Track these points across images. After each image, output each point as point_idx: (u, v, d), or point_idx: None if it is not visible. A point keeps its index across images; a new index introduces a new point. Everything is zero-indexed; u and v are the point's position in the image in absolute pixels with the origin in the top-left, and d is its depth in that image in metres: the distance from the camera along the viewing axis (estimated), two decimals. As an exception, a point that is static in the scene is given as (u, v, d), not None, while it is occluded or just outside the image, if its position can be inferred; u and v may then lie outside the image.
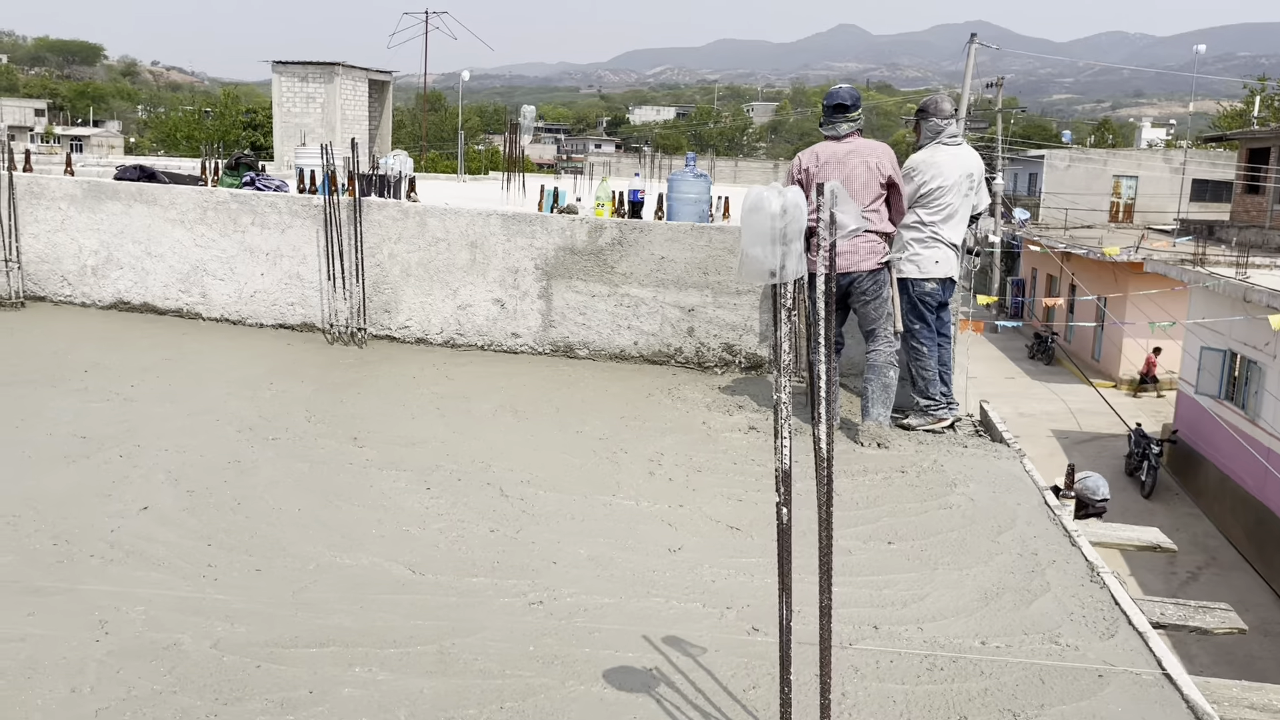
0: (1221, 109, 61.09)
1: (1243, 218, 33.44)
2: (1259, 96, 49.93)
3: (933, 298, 5.59)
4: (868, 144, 5.47)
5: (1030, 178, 49.35)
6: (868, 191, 5.36)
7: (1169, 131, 73.15)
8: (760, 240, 2.11)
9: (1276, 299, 15.56)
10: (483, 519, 4.03)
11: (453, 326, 6.89)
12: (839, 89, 5.61)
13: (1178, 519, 18.91)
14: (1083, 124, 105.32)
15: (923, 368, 5.64)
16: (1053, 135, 67.99)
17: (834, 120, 5.48)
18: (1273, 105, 49.94)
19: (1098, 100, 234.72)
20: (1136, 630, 3.31)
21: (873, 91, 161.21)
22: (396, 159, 7.70)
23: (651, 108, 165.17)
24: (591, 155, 56.57)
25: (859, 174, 5.35)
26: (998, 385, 28.03)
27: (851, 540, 3.99)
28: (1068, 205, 42.36)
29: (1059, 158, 46.83)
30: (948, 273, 5.59)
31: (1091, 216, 42.64)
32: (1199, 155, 45.24)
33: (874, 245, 5.36)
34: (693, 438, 5.23)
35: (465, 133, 50.57)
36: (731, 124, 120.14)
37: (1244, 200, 34.14)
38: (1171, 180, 43.41)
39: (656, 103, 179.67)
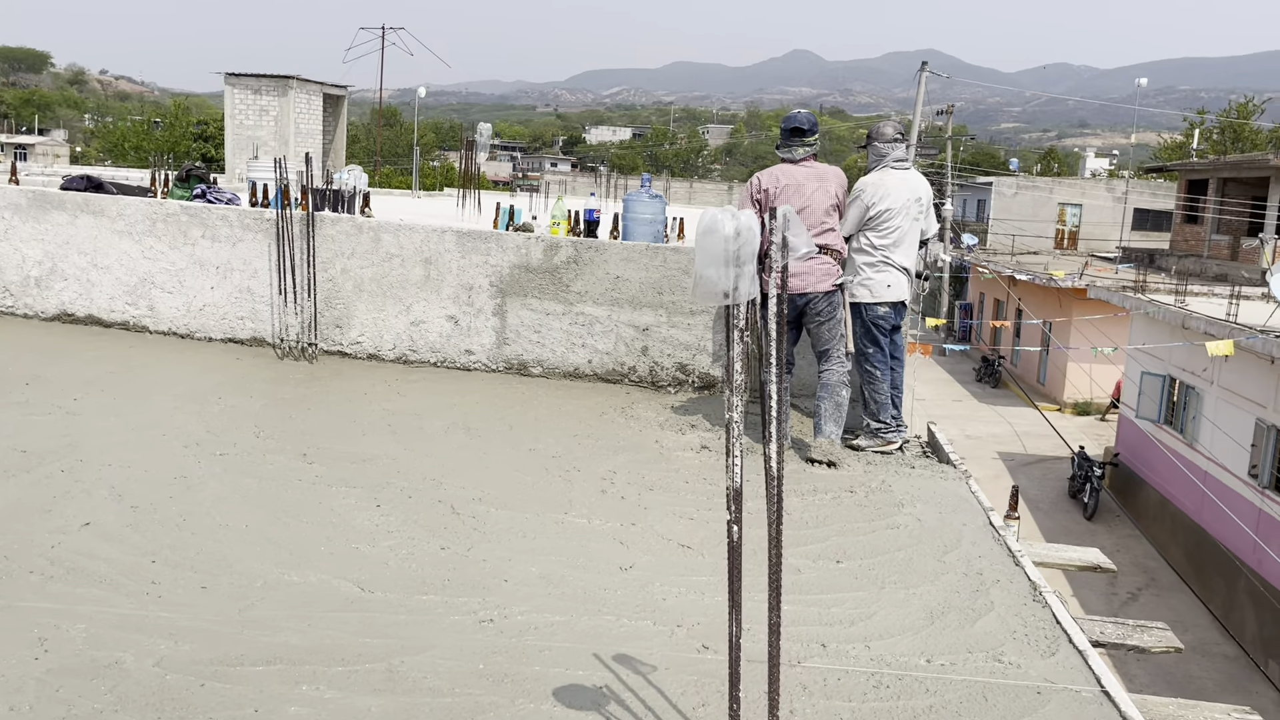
0: (1162, 141, 62.74)
1: (1182, 247, 34.34)
2: (1198, 129, 51.38)
3: (886, 321, 5.68)
4: (824, 168, 5.57)
5: (979, 204, 50.27)
6: (827, 215, 5.46)
7: (1112, 161, 75.00)
8: (714, 262, 2.14)
9: (1213, 326, 15.99)
10: (433, 536, 4.01)
11: (405, 343, 6.86)
12: (797, 113, 5.69)
13: (1119, 540, 19.28)
14: (1030, 152, 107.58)
15: (876, 391, 5.71)
16: (1001, 163, 69.35)
17: (791, 144, 5.57)
18: (1211, 138, 51.43)
19: (1044, 130, 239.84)
20: (1077, 649, 3.38)
21: (826, 116, 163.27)
22: (350, 174, 7.67)
23: (608, 128, 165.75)
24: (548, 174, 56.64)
25: (817, 197, 5.45)
26: (945, 407, 28.44)
27: (801, 559, 4.03)
28: (1015, 231, 43.21)
29: (1007, 185, 47.78)
30: (900, 296, 5.68)
31: (1038, 243, 43.53)
32: (1140, 185, 46.41)
33: (829, 267, 5.45)
34: (645, 456, 5.25)
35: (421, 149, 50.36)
36: (687, 145, 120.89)
37: (1183, 230, 35.06)
38: (1114, 209, 44.48)
39: (613, 123, 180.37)
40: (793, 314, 5.55)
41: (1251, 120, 51.68)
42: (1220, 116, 52.80)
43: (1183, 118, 56.80)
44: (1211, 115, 53.67)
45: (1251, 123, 51.60)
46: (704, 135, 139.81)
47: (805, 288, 5.42)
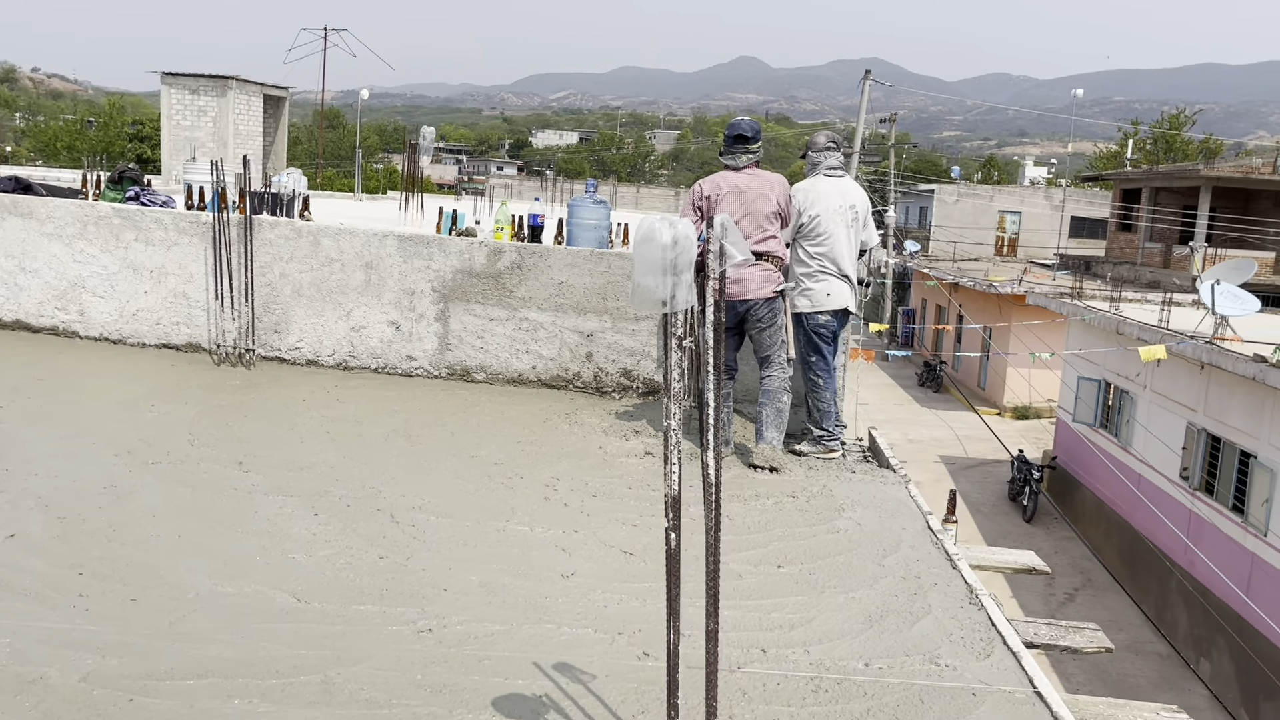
0: (1098, 150, 64.24)
1: (1117, 254, 35.18)
2: (1132, 140, 52.69)
3: (828, 329, 5.74)
4: (766, 175, 5.60)
5: (921, 211, 51.04)
6: (768, 222, 5.49)
7: (1050, 170, 76.60)
8: (652, 270, 2.14)
9: (1146, 332, 16.38)
10: (372, 545, 3.96)
11: (345, 348, 6.77)
12: (740, 120, 5.74)
13: (1057, 542, 19.67)
14: (970, 161, 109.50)
15: (819, 399, 5.76)
16: (943, 171, 70.49)
17: (734, 150, 5.60)
18: (1144, 148, 52.76)
19: (984, 138, 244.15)
20: (1011, 650, 3.43)
21: (771, 123, 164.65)
22: (290, 177, 7.56)
23: (555, 132, 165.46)
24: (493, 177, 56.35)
25: (758, 205, 5.48)
26: (888, 412, 28.79)
27: (742, 564, 4.05)
28: (956, 238, 43.92)
29: (948, 193, 48.57)
30: (841, 304, 5.74)
31: (978, 249, 44.29)
32: (1077, 194, 47.47)
33: (770, 274, 5.48)
34: (589, 463, 5.24)
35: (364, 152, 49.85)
36: (634, 151, 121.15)
37: (1118, 237, 35.92)
38: (1052, 217, 45.43)
39: (560, 127, 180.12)
40: (734, 320, 5.58)
41: (1183, 131, 53.13)
42: (1153, 127, 54.21)
43: (1117, 128, 58.26)
44: (1145, 126, 55.09)
45: (1183, 134, 53.04)
46: (651, 140, 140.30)
47: (746, 294, 5.45)
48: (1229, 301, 15.24)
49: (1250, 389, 14.09)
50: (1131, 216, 34.55)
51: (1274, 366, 12.67)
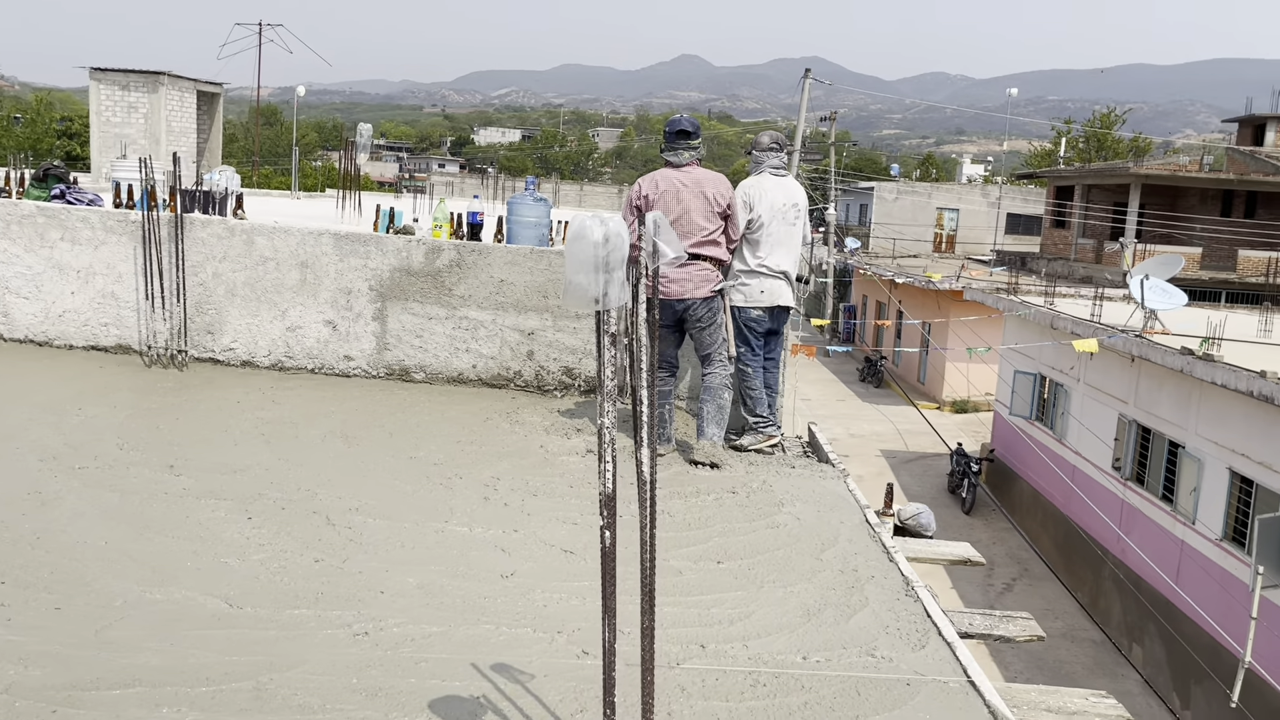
0: (1032, 148, 65.54)
1: (1051, 250, 35.92)
2: (1065, 138, 53.84)
3: (759, 324, 5.81)
4: (706, 174, 5.61)
5: (861, 208, 51.63)
6: (706, 221, 5.50)
7: (987, 168, 78.00)
8: (584, 268, 2.14)
9: (1079, 326, 16.75)
10: (307, 549, 3.90)
11: (281, 349, 6.66)
12: (681, 117, 5.78)
13: (995, 533, 20.05)
14: (909, 158, 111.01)
15: (749, 388, 5.85)
16: (882, 169, 71.39)
17: (676, 147, 5.61)
18: (1077, 146, 53.96)
19: (923, 136, 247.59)
20: (946, 641, 3.49)
21: (714, 121, 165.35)
22: (222, 175, 7.41)
23: (497, 129, 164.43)
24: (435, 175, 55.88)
25: (697, 204, 5.49)
26: (830, 407, 29.10)
27: (683, 561, 4.06)
28: (896, 235, 44.52)
29: (888, 190, 49.22)
30: (775, 301, 5.81)
31: (917, 246, 44.94)
32: (1013, 191, 48.40)
33: (708, 274, 5.50)
34: (530, 461, 5.22)
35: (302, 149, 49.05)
36: (577, 148, 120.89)
37: (1052, 234, 36.69)
38: (989, 214, 46.26)
39: (502, 124, 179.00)
40: (673, 319, 5.60)
41: (1114, 130, 54.45)
42: (1085, 126, 55.47)
43: (1051, 127, 59.52)
44: (1077, 125, 56.36)
45: (1114, 132, 54.36)
46: (594, 138, 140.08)
47: (684, 294, 5.47)
48: (1158, 296, 15.64)
49: (1178, 381, 14.48)
50: (1065, 213, 35.32)
51: (1200, 359, 13.03)
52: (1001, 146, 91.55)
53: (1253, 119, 34.91)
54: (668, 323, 5.60)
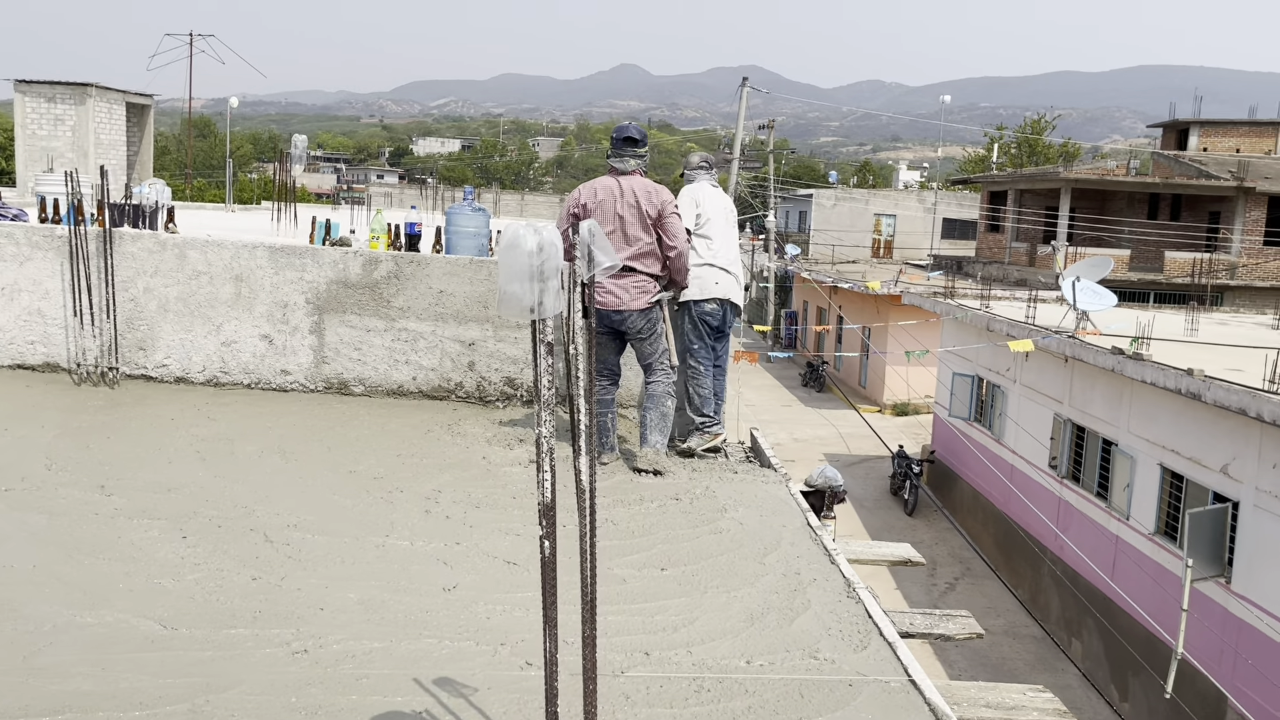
0: (966, 154, 66.78)
1: (986, 254, 36.62)
2: (997, 144, 54.95)
3: (713, 317, 5.86)
4: (644, 185, 5.57)
5: (801, 215, 52.19)
6: (642, 233, 5.50)
7: (922, 174, 79.28)
8: (518, 277, 2.14)
9: (1014, 328, 17.09)
10: (244, 567, 3.83)
11: (216, 364, 6.54)
12: (629, 124, 5.82)
13: (938, 533, 20.34)
14: (847, 165, 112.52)
15: (699, 385, 5.88)
16: (821, 176, 72.24)
17: (622, 154, 5.61)
18: (1009, 152, 55.10)
19: (860, 143, 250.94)
20: (887, 641, 3.53)
21: (654, 130, 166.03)
22: (152, 188, 7.27)
23: (436, 139, 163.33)
24: (373, 186, 55.30)
25: (632, 215, 5.49)
26: (774, 412, 29.32)
27: (627, 568, 4.06)
28: (835, 241, 45.06)
29: (826, 197, 49.81)
30: (727, 294, 5.89)
31: (856, 252, 45.52)
32: (948, 197, 49.26)
33: (644, 285, 5.50)
34: (472, 473, 5.19)
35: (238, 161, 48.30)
36: (517, 158, 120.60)
37: (987, 238, 37.40)
38: (925, 219, 47.03)
39: (441, 134, 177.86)
40: (611, 328, 5.60)
41: (1044, 136, 55.70)
42: (1017, 132, 56.65)
43: (984, 133, 60.70)
44: (1009, 131, 57.54)
45: (1044, 138, 55.60)
46: (534, 148, 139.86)
47: (620, 306, 5.47)
48: (1089, 297, 16.03)
49: (1110, 380, 14.84)
50: (999, 218, 36.03)
51: (1130, 358, 13.37)
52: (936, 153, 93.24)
53: (1176, 124, 35.95)
54: (609, 330, 5.61)
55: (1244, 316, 22.45)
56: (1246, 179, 29.92)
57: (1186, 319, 18.94)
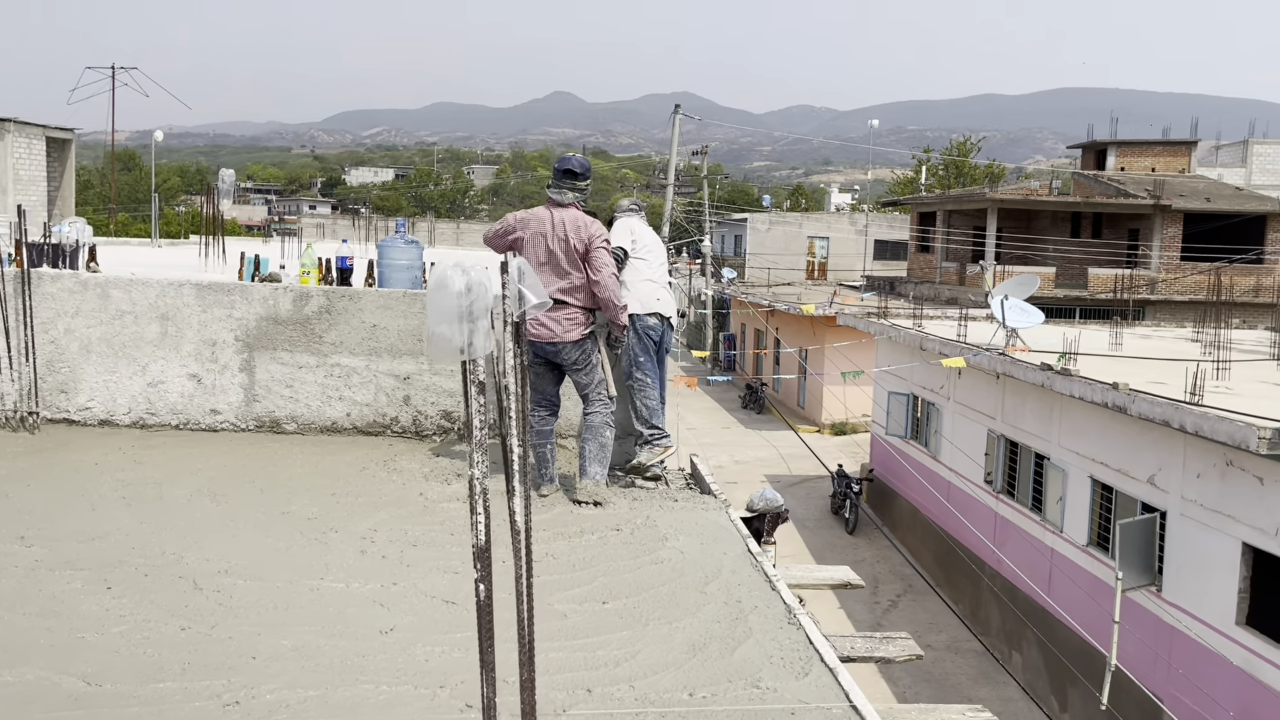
0: (895, 176, 68.13)
1: (917, 274, 37.30)
2: (925, 166, 56.14)
3: (655, 332, 5.92)
4: (575, 219, 5.56)
5: (736, 239, 52.70)
6: (570, 267, 5.51)
7: (854, 196, 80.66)
8: (447, 318, 2.12)
9: (946, 346, 17.40)
10: (172, 617, 3.72)
11: (142, 406, 6.38)
12: (572, 156, 5.87)
13: (879, 551, 20.53)
14: (780, 189, 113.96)
15: (646, 398, 5.89)
16: (755, 200, 73.11)
17: (561, 186, 5.63)
18: (937, 174, 56.32)
19: (792, 167, 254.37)
20: (828, 667, 3.54)
21: (590, 157, 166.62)
22: (73, 226, 7.09)
23: (369, 169, 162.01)
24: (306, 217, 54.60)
25: (563, 249, 5.49)
26: (715, 435, 29.45)
27: (568, 603, 4.03)
28: (770, 264, 45.53)
29: (760, 220, 50.39)
30: (668, 311, 5.97)
31: (791, 274, 46.05)
32: (879, 219, 50.15)
33: (576, 317, 5.52)
34: (409, 510, 5.11)
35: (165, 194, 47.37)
36: (452, 186, 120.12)
37: (917, 258, 38.11)
38: (857, 241, 47.77)
39: (374, 164, 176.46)
40: (547, 360, 5.61)
41: (969, 157, 57.06)
42: (943, 154, 57.96)
43: (912, 155, 61.99)
44: (936, 153, 58.84)
45: (970, 160, 56.96)
46: (469, 176, 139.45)
47: (553, 338, 5.48)
48: (1017, 315, 16.37)
49: (1040, 395, 15.16)
50: (928, 238, 36.74)
51: (1059, 374, 13.68)
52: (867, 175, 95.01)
53: (1094, 144, 37.07)
54: (540, 363, 5.61)
55: (1165, 330, 23.14)
56: (1163, 197, 30.93)
57: (1111, 334, 19.45)
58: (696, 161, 49.25)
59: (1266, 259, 31.48)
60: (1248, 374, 14.75)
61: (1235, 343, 17.57)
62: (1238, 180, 42.81)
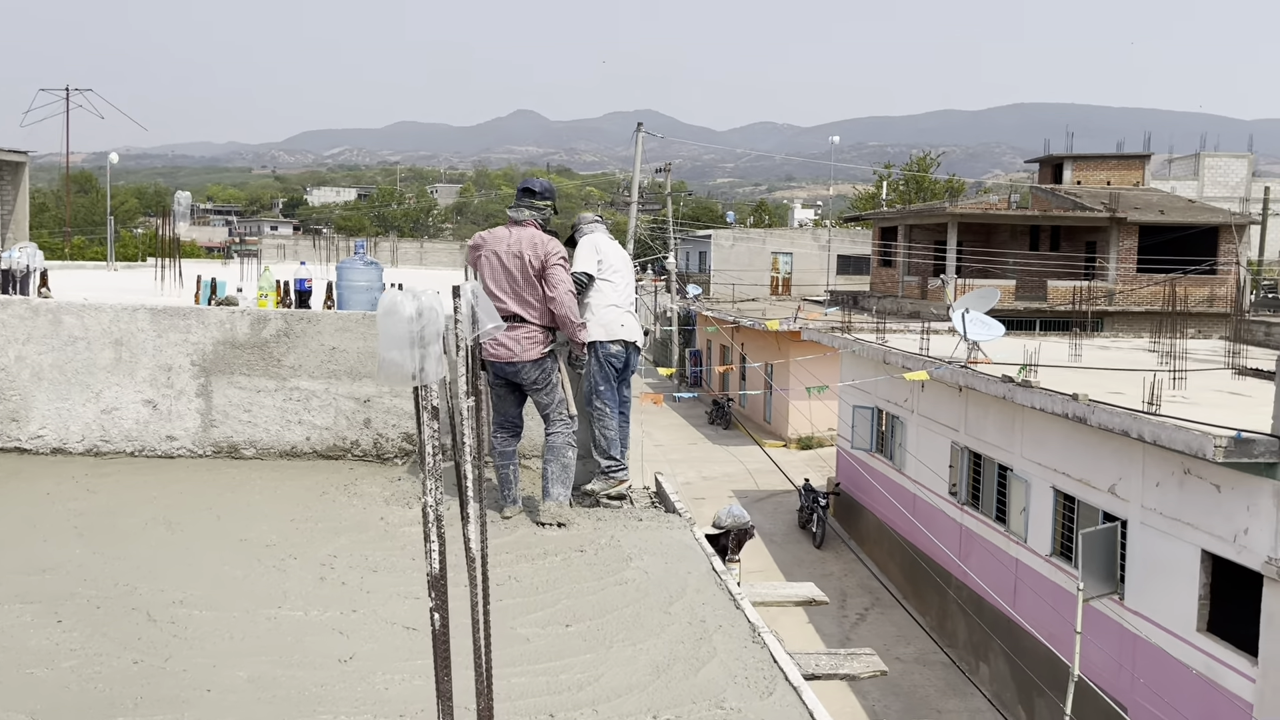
0: (857, 192, 68.75)
1: (880, 288, 37.62)
2: (886, 181, 56.72)
3: (617, 359, 5.86)
4: (533, 236, 5.58)
5: (700, 255, 52.89)
6: (526, 284, 5.51)
7: (816, 212, 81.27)
8: (398, 344, 2.09)
9: (909, 360, 17.54)
10: (125, 650, 3.64)
11: (96, 433, 6.26)
12: (535, 178, 5.90)
13: (846, 565, 20.59)
14: (744, 205, 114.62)
15: (605, 428, 5.84)
16: (718, 216, 73.45)
17: (519, 205, 5.69)
18: (898, 189, 56.92)
19: (755, 184, 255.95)
20: (792, 685, 3.53)
21: (554, 175, 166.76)
22: (23, 252, 6.97)
23: (331, 189, 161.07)
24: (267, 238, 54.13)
25: (519, 267, 5.51)
26: (682, 451, 29.46)
27: (530, 627, 3.99)
28: (734, 280, 45.74)
29: (724, 237, 50.64)
30: (632, 336, 5.92)
31: (755, 290, 46.28)
32: (841, 234, 50.55)
33: (535, 336, 5.51)
34: (369, 535, 5.05)
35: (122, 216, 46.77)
36: (416, 205, 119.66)
37: (880, 273, 38.44)
38: (820, 256, 48.13)
39: (336, 184, 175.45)
40: (508, 380, 5.59)
41: (930, 172, 57.74)
42: (904, 169, 58.60)
43: (873, 171, 62.61)
44: (897, 168, 59.48)
45: (930, 174, 57.64)
46: (433, 195, 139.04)
47: (512, 357, 5.46)
48: (979, 328, 16.54)
49: (1002, 407, 15.31)
50: (890, 253, 37.08)
51: (1020, 385, 13.83)
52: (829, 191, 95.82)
53: (1051, 159, 37.65)
54: (502, 384, 5.58)
55: (1123, 341, 23.48)
56: (1118, 210, 31.46)
57: (1070, 345, 19.70)
58: (660, 179, 49.45)
59: (1219, 269, 32.08)
60: (1203, 383, 14.99)
61: (1191, 352, 17.86)
62: (1190, 193, 43.68)
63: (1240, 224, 32.92)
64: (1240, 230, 32.65)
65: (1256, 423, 10.34)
